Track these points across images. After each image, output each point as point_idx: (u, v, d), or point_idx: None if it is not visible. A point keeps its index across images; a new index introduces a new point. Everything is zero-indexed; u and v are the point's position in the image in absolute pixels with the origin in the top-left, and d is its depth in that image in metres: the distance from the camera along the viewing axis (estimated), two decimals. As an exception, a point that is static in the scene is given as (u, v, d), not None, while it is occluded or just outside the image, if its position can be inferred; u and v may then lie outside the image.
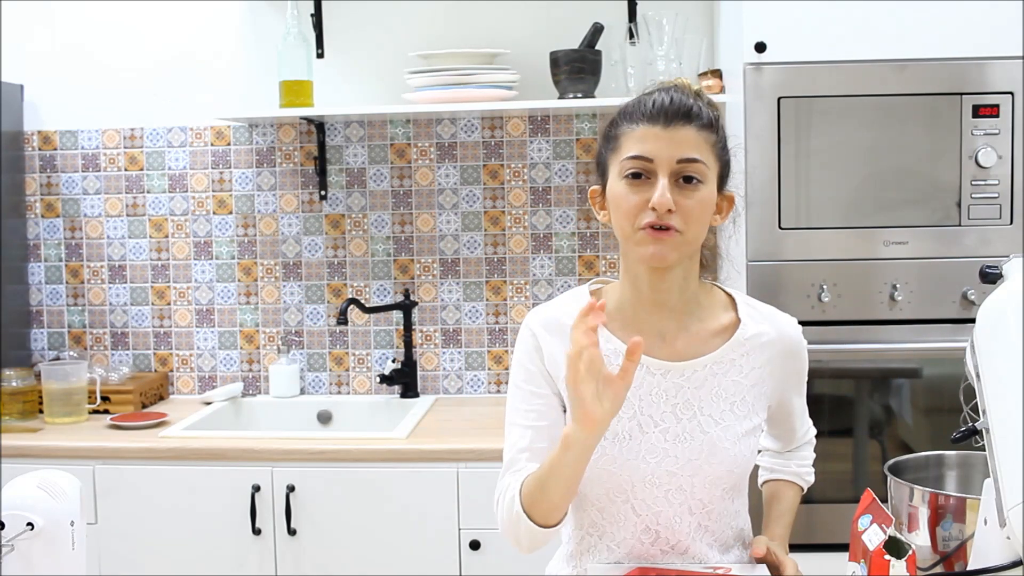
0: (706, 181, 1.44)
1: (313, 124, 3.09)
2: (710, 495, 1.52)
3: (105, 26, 3.16)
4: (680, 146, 1.42)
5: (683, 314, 1.53)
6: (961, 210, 2.45)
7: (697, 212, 1.44)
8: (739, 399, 1.52)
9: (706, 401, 1.51)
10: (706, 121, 1.45)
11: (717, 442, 1.50)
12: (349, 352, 3.15)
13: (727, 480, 1.52)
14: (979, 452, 1.31)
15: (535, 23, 3.02)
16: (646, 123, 1.44)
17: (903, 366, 2.51)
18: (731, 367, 1.53)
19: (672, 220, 1.41)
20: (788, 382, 1.60)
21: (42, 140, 3.19)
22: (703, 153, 1.44)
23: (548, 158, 3.07)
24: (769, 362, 1.55)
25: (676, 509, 1.52)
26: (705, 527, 1.54)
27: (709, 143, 1.45)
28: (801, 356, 1.60)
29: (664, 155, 1.42)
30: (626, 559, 1.54)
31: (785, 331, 1.58)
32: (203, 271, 3.18)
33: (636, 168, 1.43)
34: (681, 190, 1.42)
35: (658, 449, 1.50)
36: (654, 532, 1.53)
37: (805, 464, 1.72)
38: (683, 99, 1.45)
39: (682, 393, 1.51)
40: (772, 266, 2.47)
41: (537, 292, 3.08)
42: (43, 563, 1.39)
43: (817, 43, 2.45)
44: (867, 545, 1.32)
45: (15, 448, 2.59)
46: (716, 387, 1.52)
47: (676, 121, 1.43)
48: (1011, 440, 1.18)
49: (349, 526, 2.54)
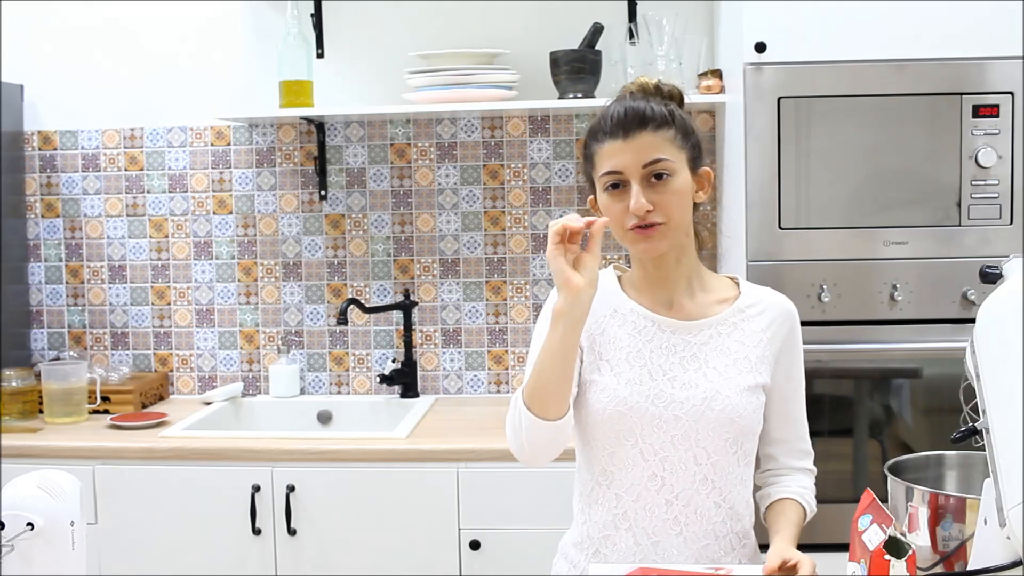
0: (675, 172, 1.60)
1: (313, 124, 3.09)
2: (714, 444, 1.61)
3: (105, 26, 3.16)
4: (642, 151, 1.58)
5: (687, 286, 1.69)
6: (961, 210, 2.45)
7: (674, 202, 1.60)
8: (742, 356, 1.65)
9: (711, 356, 1.65)
10: (660, 120, 1.60)
11: (720, 389, 1.62)
12: (349, 352, 3.15)
13: (729, 429, 1.61)
14: (979, 452, 1.31)
15: (535, 23, 3.02)
16: (609, 139, 1.60)
17: (903, 366, 2.51)
18: (734, 329, 1.67)
19: (653, 217, 1.58)
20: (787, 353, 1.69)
21: (42, 140, 3.19)
22: (665, 151, 1.59)
23: (548, 158, 3.07)
24: (769, 327, 1.68)
25: (682, 455, 1.62)
26: (712, 481, 1.62)
27: (668, 139, 1.60)
28: (797, 327, 1.72)
29: (630, 164, 1.58)
30: (632, 508, 1.62)
31: (781, 301, 1.72)
32: (203, 271, 3.18)
33: (611, 181, 1.60)
34: (654, 188, 1.59)
35: (665, 395, 1.62)
36: (660, 479, 1.62)
37: (805, 487, 1.72)
38: (636, 106, 1.61)
39: (689, 348, 1.65)
40: (772, 266, 2.47)
41: (537, 292, 3.08)
42: (43, 563, 1.39)
43: (817, 43, 2.45)
44: (867, 545, 1.32)
45: (15, 448, 2.59)
46: (720, 345, 1.66)
47: (633, 130, 1.58)
48: (1011, 440, 1.18)
49: (349, 526, 2.54)
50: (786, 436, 1.72)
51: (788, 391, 1.71)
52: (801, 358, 1.73)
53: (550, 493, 2.42)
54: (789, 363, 1.70)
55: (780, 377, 1.69)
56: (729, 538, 1.64)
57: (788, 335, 1.70)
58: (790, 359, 1.70)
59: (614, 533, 1.64)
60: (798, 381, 1.73)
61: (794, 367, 1.71)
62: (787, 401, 1.71)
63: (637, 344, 1.66)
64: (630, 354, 1.65)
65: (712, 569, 1.53)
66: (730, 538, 1.64)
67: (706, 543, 1.62)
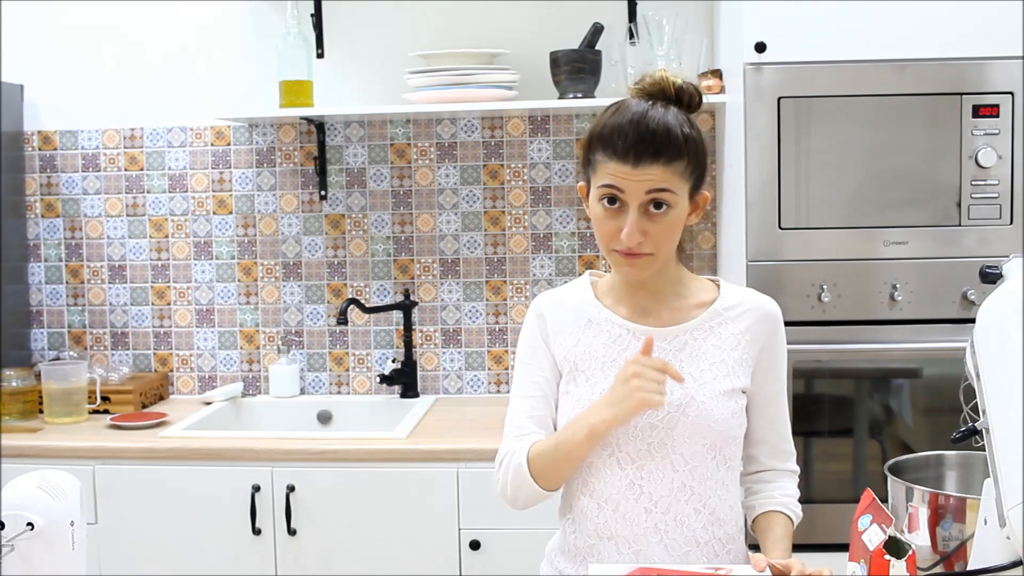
0: (675, 205, 1.55)
1: (313, 124, 3.09)
2: (691, 450, 1.59)
3: (105, 26, 3.16)
4: (648, 182, 1.52)
5: (665, 293, 1.67)
6: (961, 210, 2.45)
7: (666, 235, 1.57)
8: (718, 361, 1.62)
9: (687, 362, 1.62)
10: (674, 153, 1.53)
11: (695, 395, 1.59)
12: (349, 352, 3.15)
13: (706, 436, 1.59)
14: (979, 452, 1.31)
15: (535, 23, 3.02)
16: (617, 160, 1.53)
17: (903, 366, 2.51)
18: (710, 334, 1.64)
19: (643, 247, 1.55)
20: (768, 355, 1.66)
21: (42, 140, 3.19)
22: (671, 183, 1.54)
23: (548, 158, 3.07)
24: (749, 330, 1.65)
25: (659, 463, 1.60)
26: (690, 488, 1.60)
27: (678, 172, 1.54)
28: (779, 328, 1.68)
29: (633, 191, 1.53)
30: (612, 518, 1.61)
31: (762, 303, 1.68)
32: (203, 271, 3.18)
33: (609, 195, 1.55)
34: (650, 217, 1.54)
35: None
36: (638, 487, 1.60)
37: (789, 495, 1.70)
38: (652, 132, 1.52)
39: (664, 355, 1.61)
40: (772, 266, 2.47)
41: (537, 292, 3.07)
42: (43, 563, 1.39)
43: (817, 43, 2.45)
44: (867, 545, 1.32)
45: (15, 448, 2.59)
46: (696, 351, 1.63)
47: (645, 160, 1.51)
48: (1011, 440, 1.18)
49: (349, 526, 2.54)
50: (768, 438, 1.70)
51: (770, 394, 1.68)
52: (783, 360, 1.70)
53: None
54: (770, 366, 1.67)
55: (761, 380, 1.66)
56: (712, 544, 1.62)
57: (768, 337, 1.66)
58: (771, 361, 1.67)
59: (598, 543, 1.62)
60: (780, 383, 1.70)
61: (776, 369, 1.68)
62: (769, 404, 1.69)
63: (612, 354, 1.64)
64: (605, 364, 1.63)
65: (712, 569, 1.52)
66: (712, 544, 1.62)
67: (687, 550, 1.60)
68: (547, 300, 1.73)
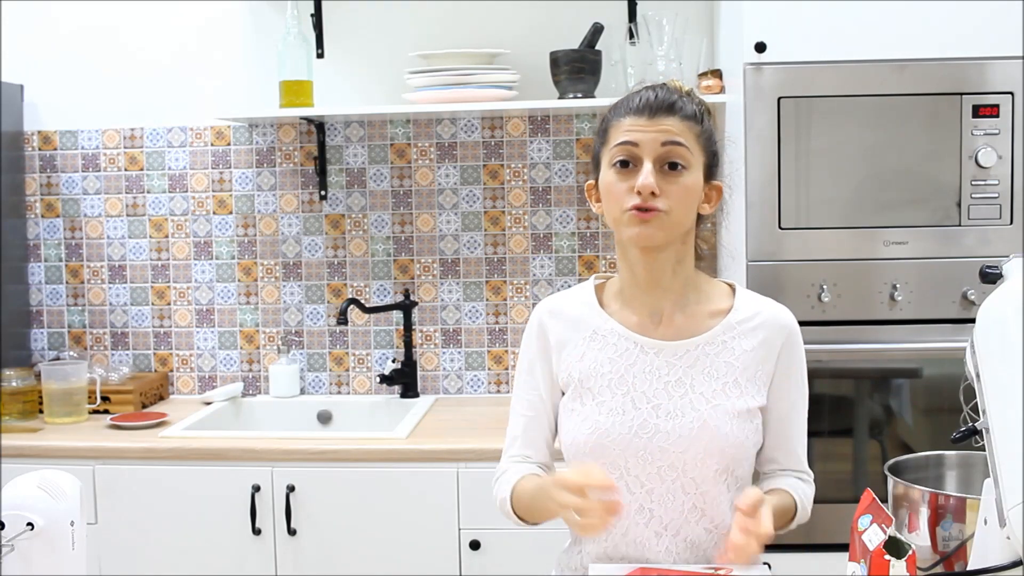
0: (690, 167, 1.52)
1: (313, 124, 3.09)
2: (702, 474, 1.54)
3: (105, 26, 3.15)
4: (664, 132, 1.51)
5: (678, 295, 1.60)
6: (961, 210, 2.45)
7: (681, 195, 1.51)
8: (731, 380, 1.56)
9: (698, 380, 1.56)
10: (690, 113, 1.54)
11: (708, 419, 1.53)
12: (349, 352, 3.15)
13: (718, 460, 1.54)
14: (979, 452, 1.31)
15: (535, 23, 3.02)
16: (632, 115, 1.53)
17: (903, 366, 2.51)
18: (723, 348, 1.57)
19: (657, 202, 1.49)
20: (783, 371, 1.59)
21: (42, 140, 3.19)
22: (687, 139, 1.52)
23: (548, 158, 3.07)
24: (762, 345, 1.58)
25: (669, 486, 1.54)
26: (701, 510, 1.55)
27: (694, 132, 1.53)
28: (795, 343, 1.61)
29: (649, 141, 1.50)
30: (622, 542, 1.56)
31: (778, 315, 1.61)
32: (203, 271, 3.18)
33: (623, 155, 1.52)
34: (666, 176, 1.51)
35: (649, 425, 1.54)
36: (648, 511, 1.55)
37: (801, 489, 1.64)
38: (668, 95, 1.54)
39: (674, 371, 1.56)
40: (772, 266, 2.47)
41: (537, 292, 3.08)
42: (43, 563, 1.39)
43: (817, 43, 2.45)
44: (867, 545, 1.32)
45: (15, 448, 2.59)
46: (708, 367, 1.56)
47: (660, 113, 1.51)
48: (1011, 440, 1.18)
49: (349, 526, 2.54)
50: (776, 456, 1.64)
51: (781, 411, 1.61)
52: (801, 376, 1.62)
53: (550, 493, 2.42)
54: (784, 383, 1.60)
55: (775, 397, 1.59)
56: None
57: (784, 352, 1.59)
58: (786, 378, 1.60)
59: (608, 563, 1.58)
60: (795, 401, 1.61)
61: (792, 387, 1.61)
62: (783, 421, 1.61)
63: (619, 369, 1.57)
64: (612, 380, 1.57)
65: (712, 569, 1.53)
66: None
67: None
68: (549, 309, 1.66)
